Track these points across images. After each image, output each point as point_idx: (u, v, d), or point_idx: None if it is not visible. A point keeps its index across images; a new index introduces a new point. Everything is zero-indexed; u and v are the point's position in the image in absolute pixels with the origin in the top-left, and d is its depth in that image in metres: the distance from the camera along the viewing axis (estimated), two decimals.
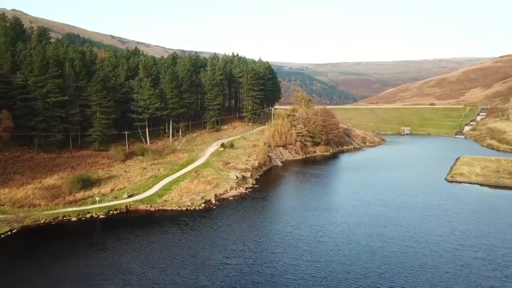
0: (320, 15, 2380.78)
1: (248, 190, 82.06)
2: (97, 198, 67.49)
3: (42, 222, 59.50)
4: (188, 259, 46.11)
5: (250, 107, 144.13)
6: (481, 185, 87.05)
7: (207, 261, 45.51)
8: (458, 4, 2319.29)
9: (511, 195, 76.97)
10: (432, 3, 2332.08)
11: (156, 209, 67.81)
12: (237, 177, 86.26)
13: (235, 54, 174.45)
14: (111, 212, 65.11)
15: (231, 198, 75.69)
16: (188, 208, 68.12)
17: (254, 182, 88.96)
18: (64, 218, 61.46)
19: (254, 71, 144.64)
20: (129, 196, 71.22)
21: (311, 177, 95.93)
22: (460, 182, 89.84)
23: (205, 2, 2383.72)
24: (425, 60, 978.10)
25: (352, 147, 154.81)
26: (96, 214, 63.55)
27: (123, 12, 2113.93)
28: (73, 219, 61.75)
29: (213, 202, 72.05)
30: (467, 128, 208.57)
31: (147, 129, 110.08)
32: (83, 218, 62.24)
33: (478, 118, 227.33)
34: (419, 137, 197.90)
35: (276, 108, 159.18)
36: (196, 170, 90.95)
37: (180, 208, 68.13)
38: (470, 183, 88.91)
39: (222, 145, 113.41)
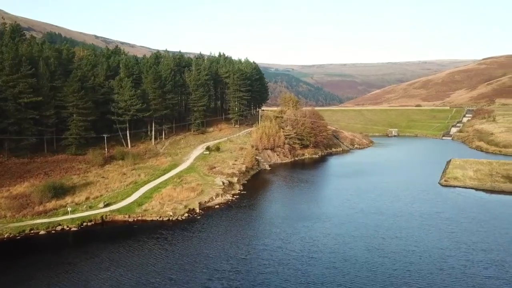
0: (306, 17, 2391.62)
1: (234, 197, 77.19)
2: (69, 209, 61.58)
3: (6, 236, 53.49)
4: (165, 283, 40.85)
5: (237, 109, 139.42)
6: (476, 189, 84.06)
7: (186, 284, 40.42)
8: (441, 8, 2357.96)
9: (509, 201, 73.87)
10: (415, 6, 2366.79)
11: (135, 219, 62.28)
12: (223, 183, 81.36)
13: (221, 53, 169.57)
14: (84, 223, 59.29)
15: (217, 206, 70.67)
16: (170, 218, 62.81)
17: (241, 188, 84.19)
18: (32, 232, 55.43)
19: (241, 71, 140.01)
20: (106, 205, 65.54)
21: (300, 182, 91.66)
22: (455, 187, 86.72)
23: (190, 3, 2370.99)
24: (409, 62, 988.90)
25: (341, 149, 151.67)
26: (67, 227, 57.68)
27: (108, 13, 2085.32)
28: (42, 232, 55.77)
29: (197, 211, 66.91)
30: (454, 130, 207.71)
31: (128, 132, 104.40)
32: (53, 231, 56.28)
33: (465, 119, 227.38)
34: (406, 138, 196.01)
35: (263, 110, 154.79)
36: (179, 175, 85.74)
37: (161, 219, 62.76)
38: (465, 187, 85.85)
39: (208, 148, 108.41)
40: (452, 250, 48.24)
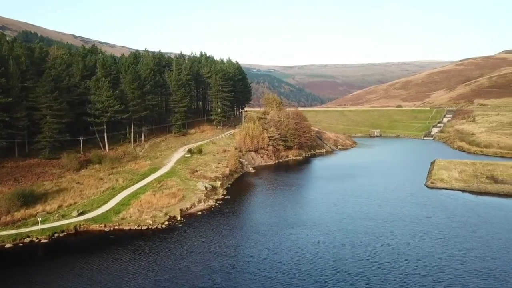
0: (287, 18, 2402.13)
1: (218, 202, 73.86)
2: (39, 218, 57.01)
3: None
4: None
5: (219, 110, 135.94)
6: (463, 191, 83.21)
7: None
8: (419, 10, 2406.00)
9: (496, 203, 72.95)
10: (394, 8, 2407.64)
11: (112, 229, 58.22)
12: (206, 188, 77.97)
13: (202, 53, 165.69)
14: (56, 234, 54.90)
15: (199, 213, 67.18)
16: (149, 227, 59.04)
17: (225, 193, 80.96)
18: None
19: (223, 71, 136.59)
20: (80, 214, 61.28)
21: (285, 186, 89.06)
22: (441, 188, 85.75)
23: (172, 3, 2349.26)
24: (389, 63, 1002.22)
25: (325, 150, 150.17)
26: (37, 238, 53.28)
27: (88, 12, 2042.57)
28: (8, 245, 51.16)
29: (178, 218, 63.31)
30: (435, 130, 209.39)
31: (105, 134, 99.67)
32: (21, 244, 51.79)
33: (445, 120, 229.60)
34: (389, 139, 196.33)
35: (246, 111, 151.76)
36: (159, 180, 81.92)
37: (139, 227, 58.91)
38: (452, 189, 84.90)
39: (189, 150, 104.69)
40: (447, 258, 46.24)
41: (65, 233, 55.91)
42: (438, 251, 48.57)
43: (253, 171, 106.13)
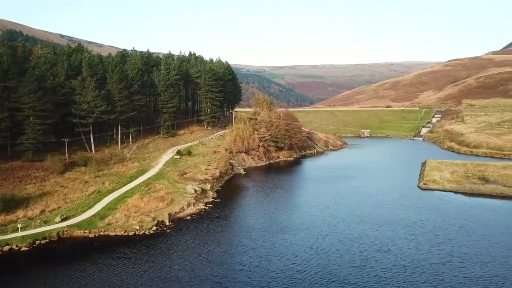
0: (276, 18, 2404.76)
1: (208, 206, 71.72)
2: (19, 225, 54.22)
3: None
4: None
5: (209, 110, 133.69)
6: (456, 192, 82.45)
7: None
8: (407, 12, 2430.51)
9: (490, 205, 72.09)
10: (382, 10, 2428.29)
11: (97, 235, 55.68)
12: (195, 191, 75.81)
13: (191, 53, 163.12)
14: (37, 242, 52.20)
15: (188, 217, 64.94)
16: (136, 233, 56.67)
17: (215, 196, 78.86)
18: None
19: (213, 71, 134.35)
20: (63, 219, 58.62)
21: (277, 188, 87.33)
22: (434, 190, 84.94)
23: (161, 2, 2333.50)
24: (377, 64, 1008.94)
25: (315, 151, 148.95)
26: (17, 246, 50.52)
27: (76, 12, 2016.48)
28: None
29: (167, 223, 61.02)
30: (424, 130, 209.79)
31: (91, 135, 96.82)
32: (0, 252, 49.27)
33: (434, 120, 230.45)
34: (379, 139, 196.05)
35: (236, 111, 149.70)
36: (147, 183, 79.56)
37: (126, 233, 56.49)
38: (444, 190, 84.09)
39: (178, 152, 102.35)
40: (446, 264, 44.86)
41: (47, 240, 53.22)
42: (435, 257, 47.21)
43: (244, 172, 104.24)
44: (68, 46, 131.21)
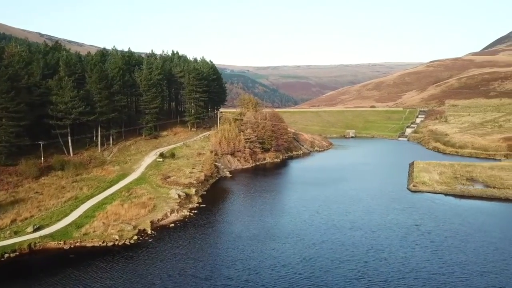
0: (260, 19, 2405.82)
1: (192, 212, 68.21)
2: None
3: None
4: None
5: (193, 111, 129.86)
6: (446, 194, 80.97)
7: None
8: (388, 13, 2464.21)
9: (483, 208, 70.34)
10: (364, 11, 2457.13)
11: (72, 246, 51.51)
12: (179, 196, 72.17)
13: (174, 52, 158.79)
14: (6, 255, 47.76)
15: (172, 225, 61.33)
16: (116, 243, 52.73)
17: (200, 201, 75.38)
18: None
19: (197, 71, 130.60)
20: (36, 229, 54.29)
21: (264, 192, 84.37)
22: (424, 192, 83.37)
23: (142, 2, 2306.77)
24: (360, 65, 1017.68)
25: (302, 152, 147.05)
26: None
27: (56, 11, 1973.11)
28: None
29: (149, 232, 57.22)
30: (409, 131, 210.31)
31: (69, 138, 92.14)
32: None
33: (418, 120, 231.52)
34: (364, 140, 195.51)
35: (221, 112, 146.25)
36: (128, 187, 75.60)
37: (104, 244, 52.50)
38: (435, 192, 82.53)
39: (161, 154, 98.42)
40: (446, 275, 42.47)
41: (17, 253, 48.87)
42: (434, 266, 44.81)
43: (230, 175, 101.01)
44: (44, 44, 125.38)
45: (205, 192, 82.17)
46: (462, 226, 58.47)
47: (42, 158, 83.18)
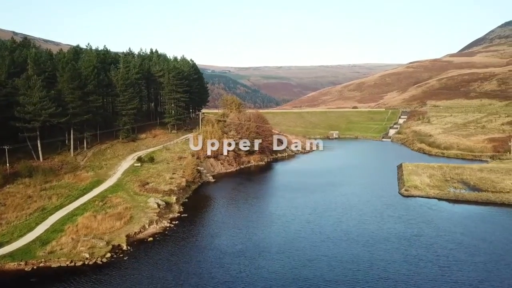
0: (241, 19, 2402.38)
1: (173, 222, 62.59)
2: None
3: None
4: None
5: (173, 112, 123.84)
6: (439, 199, 77.76)
7: None
8: (368, 14, 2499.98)
9: (484, 214, 66.92)
10: (342, 12, 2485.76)
11: (35, 267, 45.18)
12: (158, 205, 66.39)
13: (153, 50, 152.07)
14: None
15: (150, 238, 55.59)
16: (86, 262, 46.64)
17: (181, 210, 69.78)
18: None
19: (177, 70, 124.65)
20: None
21: (249, 198, 79.38)
22: (417, 197, 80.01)
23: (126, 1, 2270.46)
24: (340, 65, 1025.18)
25: (286, 154, 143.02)
26: None
27: (32, 10, 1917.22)
28: None
29: (124, 248, 51.34)
30: (392, 132, 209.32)
31: (38, 141, 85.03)
32: None
33: (401, 121, 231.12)
34: (348, 141, 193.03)
35: (204, 113, 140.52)
36: (103, 196, 69.44)
37: (73, 264, 46.31)
38: (428, 197, 79.24)
39: (139, 159, 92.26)
40: None
41: None
42: (441, 283, 40.43)
43: (213, 180, 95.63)
44: (12, 41, 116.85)
45: (186, 200, 76.59)
46: (465, 236, 54.64)
47: (8, 164, 76.11)
